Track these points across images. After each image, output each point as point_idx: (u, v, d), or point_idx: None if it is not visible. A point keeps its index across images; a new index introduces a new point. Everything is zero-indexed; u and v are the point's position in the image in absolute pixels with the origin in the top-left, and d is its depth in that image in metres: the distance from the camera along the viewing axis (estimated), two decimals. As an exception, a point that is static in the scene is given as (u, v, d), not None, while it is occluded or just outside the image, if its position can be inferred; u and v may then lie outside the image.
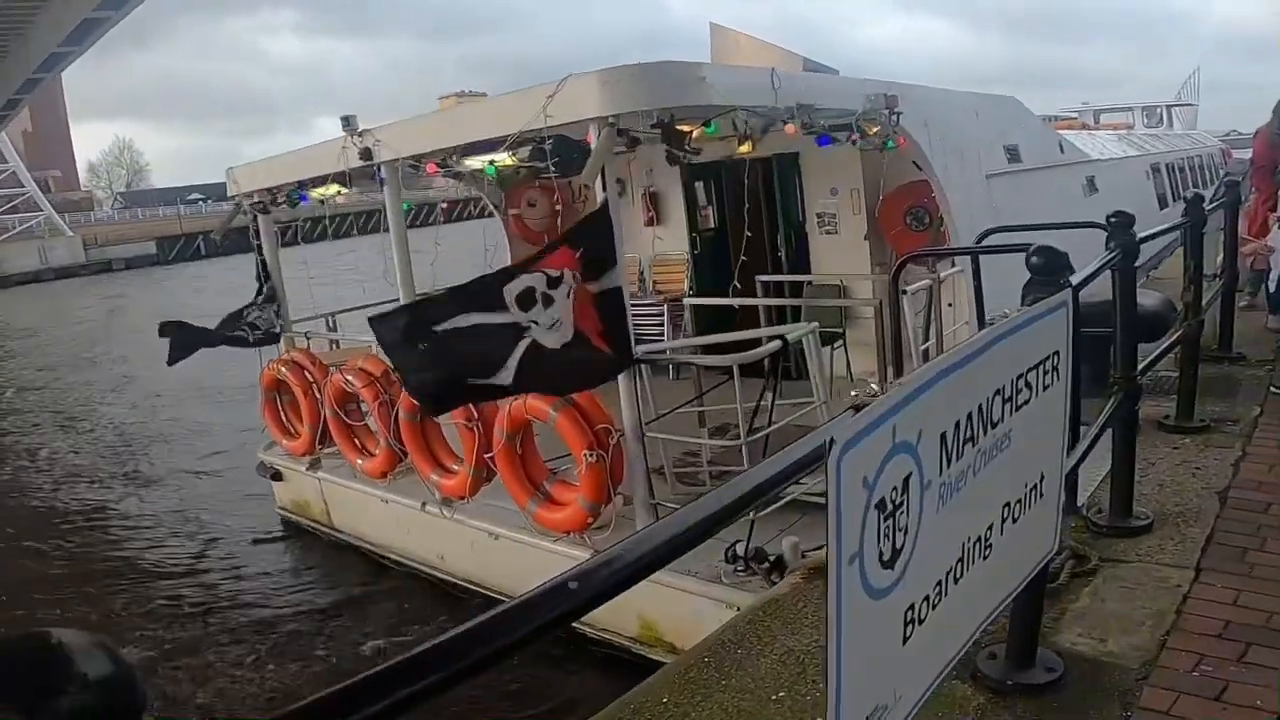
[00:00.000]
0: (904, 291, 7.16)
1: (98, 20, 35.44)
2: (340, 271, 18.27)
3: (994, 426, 2.04)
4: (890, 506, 1.54)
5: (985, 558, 2.03)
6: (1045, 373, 2.34)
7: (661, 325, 9.68)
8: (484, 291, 4.74)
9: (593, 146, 5.05)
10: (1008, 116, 8.95)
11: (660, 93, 4.85)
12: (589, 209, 11.47)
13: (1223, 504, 3.94)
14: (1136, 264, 4.23)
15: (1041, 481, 2.39)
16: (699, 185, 10.07)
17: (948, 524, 1.80)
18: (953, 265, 7.10)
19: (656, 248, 10.33)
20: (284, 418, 8.67)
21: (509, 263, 11.08)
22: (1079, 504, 3.98)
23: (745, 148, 8.31)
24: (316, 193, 7.66)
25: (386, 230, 7.08)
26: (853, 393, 7.78)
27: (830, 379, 8.01)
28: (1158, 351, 4.63)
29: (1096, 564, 3.53)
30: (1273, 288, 6.53)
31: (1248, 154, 9.82)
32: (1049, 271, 2.58)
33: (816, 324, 5.77)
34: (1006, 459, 2.11)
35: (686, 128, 5.73)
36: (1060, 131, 11.71)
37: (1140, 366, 4.06)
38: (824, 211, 8.92)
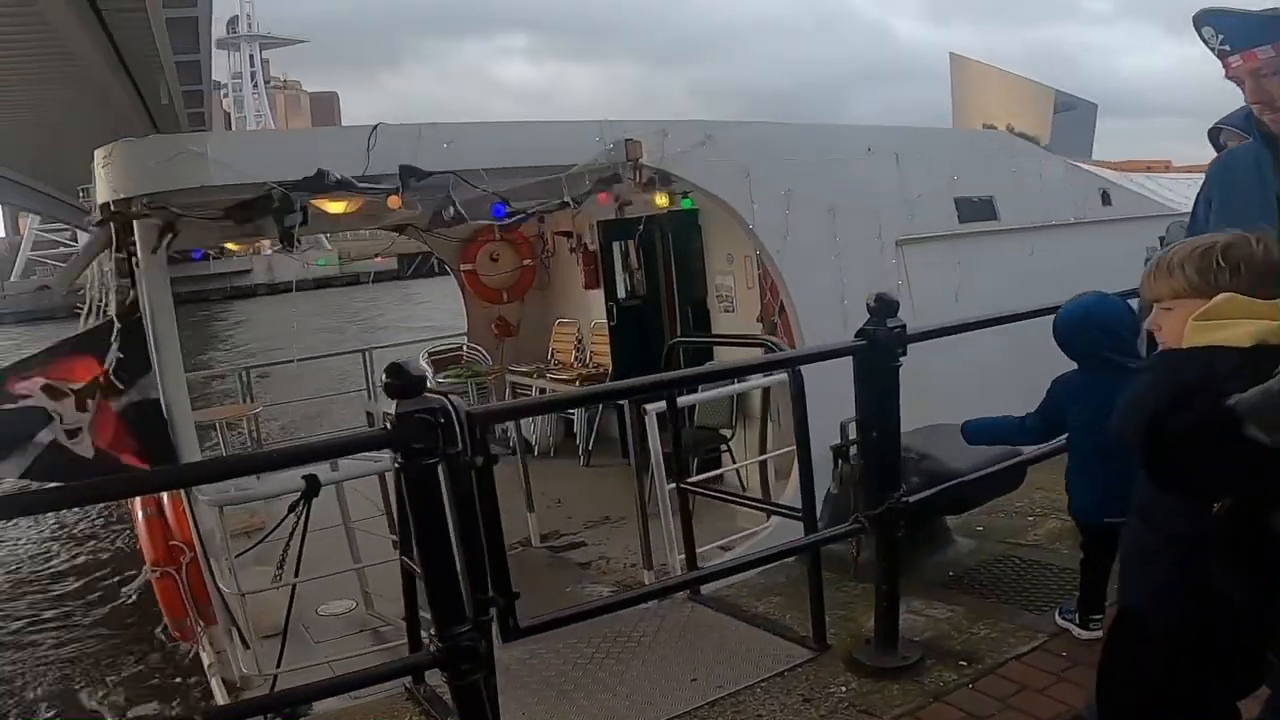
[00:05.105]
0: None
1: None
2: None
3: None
4: None
5: None
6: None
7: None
8: None
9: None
10: (972, 157, 6.71)
11: (149, 175, 3.74)
12: (557, 262, 10.40)
13: None
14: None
15: None
16: (628, 244, 8.63)
17: None
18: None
19: (595, 314, 8.99)
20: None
21: (465, 327, 10.30)
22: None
23: (662, 199, 6.89)
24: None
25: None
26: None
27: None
28: (799, 543, 2.83)
29: None
30: None
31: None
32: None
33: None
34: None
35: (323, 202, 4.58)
36: (1136, 175, 8.84)
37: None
38: (722, 283, 7.19)
